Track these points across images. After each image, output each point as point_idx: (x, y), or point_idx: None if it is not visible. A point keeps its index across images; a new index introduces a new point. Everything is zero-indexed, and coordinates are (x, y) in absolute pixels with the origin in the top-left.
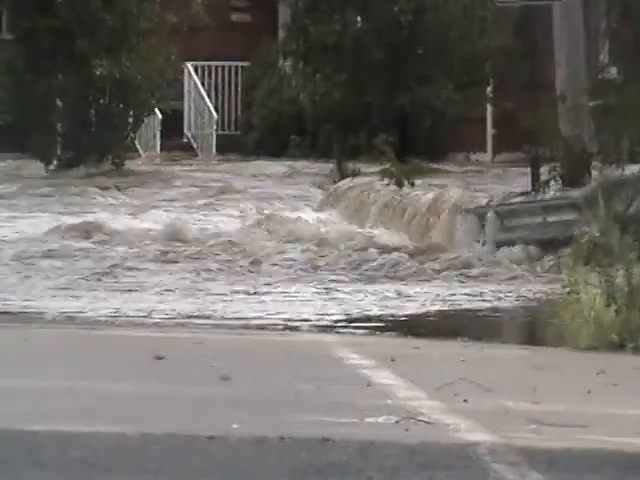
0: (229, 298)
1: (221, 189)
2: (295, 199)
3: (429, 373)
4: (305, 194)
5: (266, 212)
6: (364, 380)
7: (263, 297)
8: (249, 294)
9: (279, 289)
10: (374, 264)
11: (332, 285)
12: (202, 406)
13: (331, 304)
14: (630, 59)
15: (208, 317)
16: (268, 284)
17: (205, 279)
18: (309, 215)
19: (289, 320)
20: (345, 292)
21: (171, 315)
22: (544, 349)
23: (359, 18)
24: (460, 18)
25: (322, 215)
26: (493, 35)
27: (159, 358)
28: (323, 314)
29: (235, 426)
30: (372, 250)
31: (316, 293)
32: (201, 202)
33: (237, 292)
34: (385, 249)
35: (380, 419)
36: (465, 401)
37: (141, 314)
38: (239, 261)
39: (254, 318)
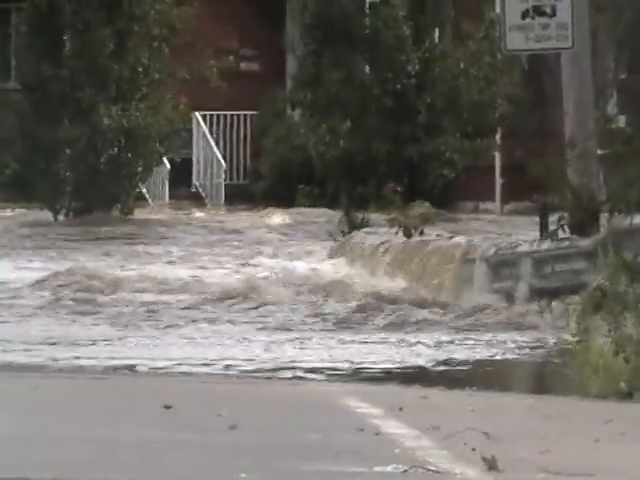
0: (236, 344)
1: (232, 239)
2: (303, 248)
3: (437, 422)
4: (314, 243)
5: (276, 261)
6: (372, 429)
7: (269, 345)
8: (251, 341)
9: (285, 337)
10: (383, 313)
11: (340, 334)
12: (210, 455)
13: (339, 353)
14: (638, 109)
15: (216, 365)
16: (274, 332)
17: (209, 328)
18: (318, 265)
19: (297, 369)
20: (353, 341)
21: (181, 363)
22: (552, 398)
23: (367, 67)
24: (468, 66)
25: (331, 264)
26: (502, 83)
27: (167, 407)
28: (331, 363)
29: (243, 475)
30: (381, 299)
31: (323, 342)
32: (205, 251)
33: (243, 339)
34: (394, 298)
35: (388, 468)
36: (473, 450)
37: (152, 363)
38: (245, 309)
39: (262, 364)
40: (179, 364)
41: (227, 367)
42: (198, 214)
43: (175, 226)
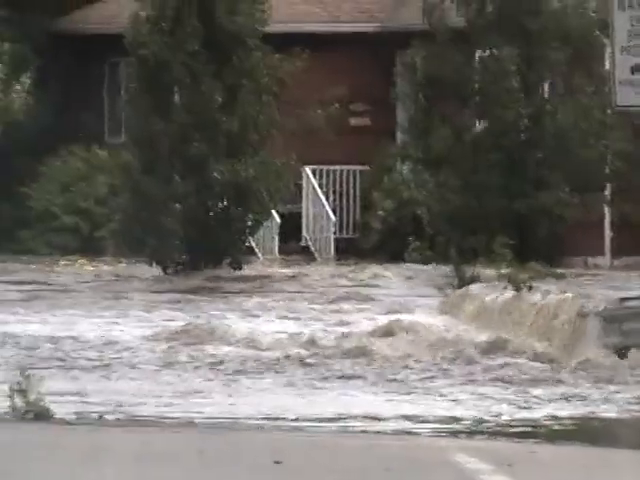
0: (346, 399)
1: (339, 292)
2: (414, 303)
3: (547, 478)
4: (424, 298)
5: (386, 318)
6: None
7: (379, 399)
8: (360, 395)
9: (395, 391)
10: (494, 368)
11: (449, 388)
12: None
13: (448, 407)
14: None
15: (327, 419)
16: (384, 386)
17: (319, 382)
18: (429, 320)
19: (406, 422)
20: (462, 395)
21: (291, 418)
22: None
23: (476, 122)
24: (579, 121)
25: (442, 319)
26: (612, 138)
27: (277, 462)
28: (440, 417)
29: None
30: (491, 353)
31: (433, 396)
32: (320, 308)
33: (353, 394)
34: (505, 353)
35: None
36: None
37: (260, 417)
38: (355, 364)
39: (372, 419)
40: (291, 419)
41: (338, 421)
42: (306, 269)
43: (285, 281)
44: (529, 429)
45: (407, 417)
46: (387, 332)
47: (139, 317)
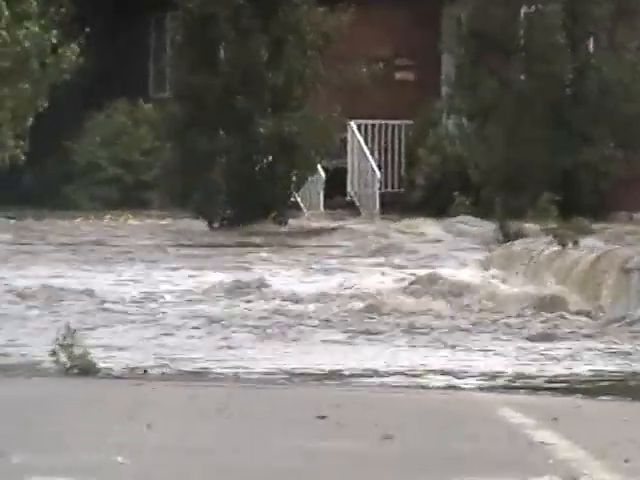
0: (389, 353)
1: (383, 246)
2: (459, 258)
3: (591, 432)
4: (469, 253)
5: (427, 272)
6: (525, 439)
7: (421, 353)
8: (404, 350)
9: (437, 346)
10: (538, 322)
11: (493, 343)
12: (362, 466)
13: (492, 362)
14: None
15: (369, 373)
16: (426, 341)
17: (360, 337)
18: (473, 274)
19: (450, 376)
20: (506, 350)
21: (333, 372)
22: None
23: (521, 77)
24: (623, 77)
25: (486, 274)
26: None
27: (321, 417)
28: (482, 373)
29: None
30: (536, 309)
31: (472, 351)
32: (364, 261)
33: (395, 348)
34: (547, 308)
35: (543, 479)
36: (626, 461)
37: (304, 371)
38: (396, 318)
39: (412, 375)
40: (332, 373)
41: (380, 376)
42: (350, 223)
43: (328, 235)
44: (572, 384)
45: (448, 372)
46: (428, 286)
47: (181, 270)
